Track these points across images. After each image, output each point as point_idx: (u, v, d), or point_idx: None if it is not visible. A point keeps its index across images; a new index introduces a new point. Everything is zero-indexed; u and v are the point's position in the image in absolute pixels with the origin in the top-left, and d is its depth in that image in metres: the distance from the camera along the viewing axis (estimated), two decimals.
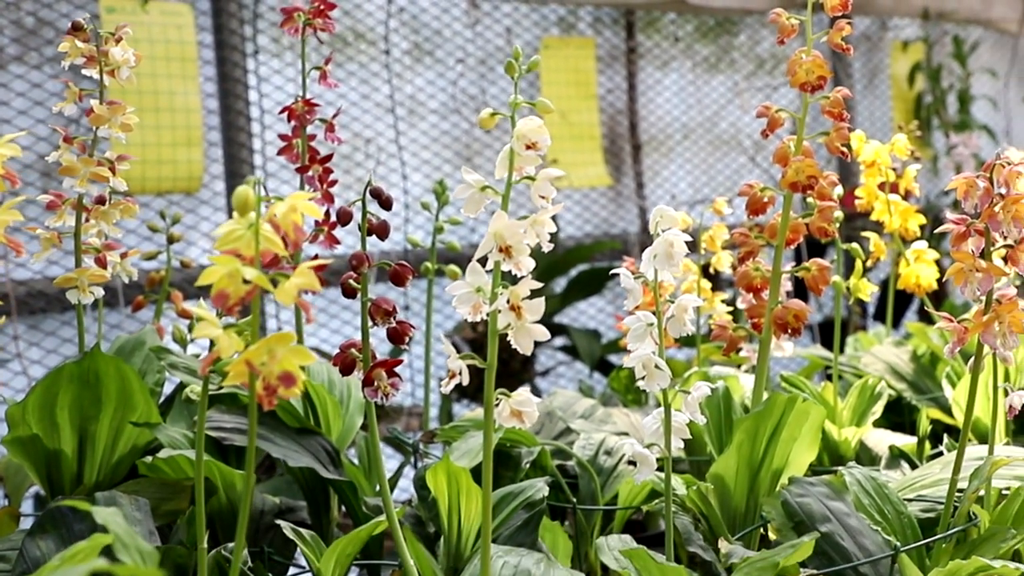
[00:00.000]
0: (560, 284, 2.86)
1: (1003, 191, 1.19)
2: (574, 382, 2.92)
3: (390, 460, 2.51)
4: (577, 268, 2.83)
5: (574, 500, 1.57)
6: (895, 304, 3.20)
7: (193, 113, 2.37)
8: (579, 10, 3.12)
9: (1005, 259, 1.22)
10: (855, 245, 1.82)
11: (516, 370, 2.72)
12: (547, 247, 1.04)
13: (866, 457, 1.82)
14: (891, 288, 2.13)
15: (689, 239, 1.20)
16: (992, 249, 1.20)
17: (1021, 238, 1.20)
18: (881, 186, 1.94)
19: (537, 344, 2.99)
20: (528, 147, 1.03)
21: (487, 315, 1.04)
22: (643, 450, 1.19)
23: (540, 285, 1.02)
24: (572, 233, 3.07)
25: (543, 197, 1.04)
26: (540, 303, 1.03)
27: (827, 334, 3.25)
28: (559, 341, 2.88)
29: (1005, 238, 1.19)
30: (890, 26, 3.82)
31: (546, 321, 2.86)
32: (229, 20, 2.45)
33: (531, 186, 1.04)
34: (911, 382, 2.06)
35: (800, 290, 2.75)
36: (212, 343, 0.90)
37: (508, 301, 1.02)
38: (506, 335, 2.33)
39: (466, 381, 1.05)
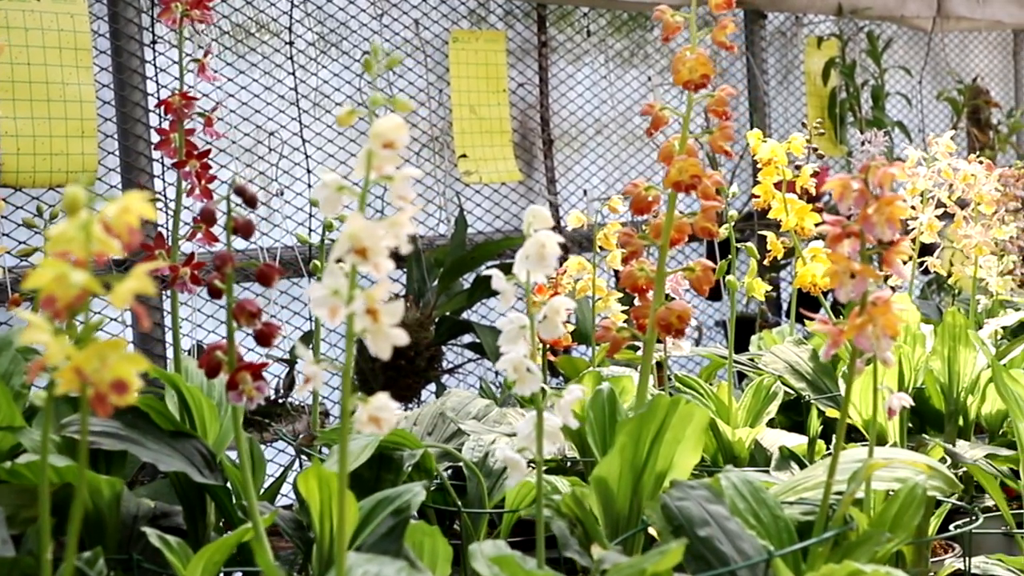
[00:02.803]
0: (469, 280, 2.84)
1: (878, 192, 1.18)
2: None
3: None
4: (486, 264, 2.80)
5: (459, 503, 1.55)
6: (809, 302, 3.21)
7: (87, 104, 2.31)
8: (490, 3, 3.09)
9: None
10: (750, 244, 1.81)
11: (422, 368, 2.68)
12: (406, 249, 1.01)
13: (761, 457, 1.82)
14: (794, 286, 2.13)
15: (561, 240, 1.17)
16: (867, 251, 1.19)
17: (895, 240, 1.19)
18: (778, 185, 1.93)
19: (444, 341, 2.95)
20: (386, 146, 1.00)
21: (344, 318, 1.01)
22: (513, 454, 1.17)
23: (400, 289, 0.99)
24: (481, 229, 3.05)
25: (402, 198, 1.00)
26: (398, 306, 1.00)
27: (739, 332, 3.25)
28: (467, 338, 2.85)
29: (878, 239, 1.18)
30: (805, 22, 3.83)
31: (453, 318, 2.84)
32: (125, 9, 2.39)
33: (390, 187, 1.01)
34: (811, 381, 2.06)
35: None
36: None
37: (364, 304, 0.99)
38: (414, 338, 2.28)
39: (320, 386, 1.02)
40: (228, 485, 1.47)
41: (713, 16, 1.47)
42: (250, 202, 1.19)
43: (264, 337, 1.20)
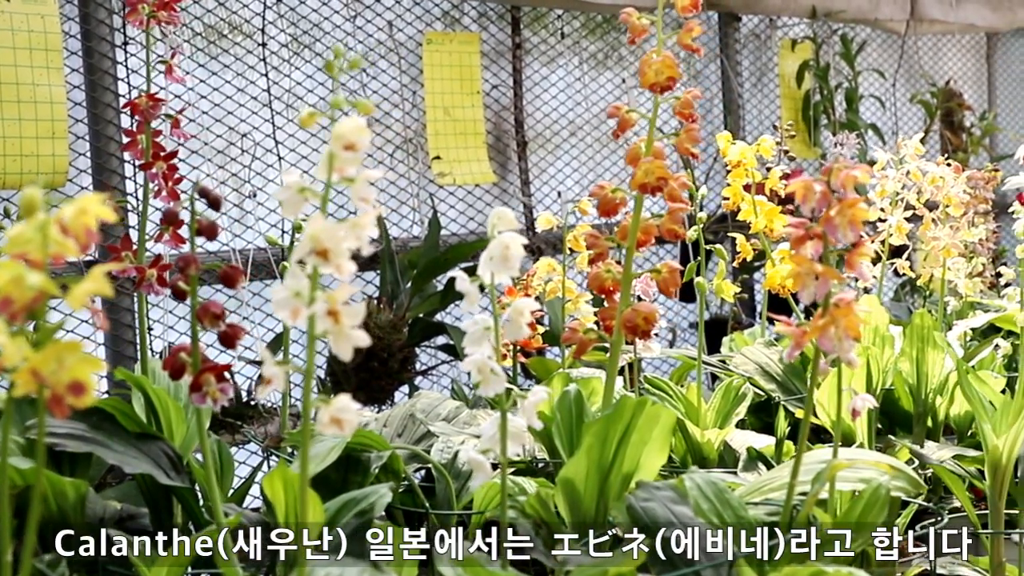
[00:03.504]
0: (442, 282, 2.84)
1: (840, 195, 1.19)
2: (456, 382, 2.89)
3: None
4: (459, 266, 2.80)
5: (427, 505, 1.55)
6: (782, 303, 3.23)
7: (57, 105, 2.30)
8: (464, 4, 3.09)
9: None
10: (719, 246, 1.82)
11: (395, 369, 2.68)
12: (367, 251, 1.01)
13: (730, 458, 1.82)
14: (764, 288, 2.14)
15: (525, 242, 1.18)
16: (829, 253, 1.20)
17: (857, 242, 1.19)
18: (748, 187, 1.94)
19: (417, 343, 2.94)
20: (347, 148, 1.00)
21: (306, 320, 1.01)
22: (477, 455, 1.17)
23: (357, 291, 0.99)
24: (455, 230, 3.05)
25: (363, 200, 1.01)
26: (359, 308, 1.00)
27: (712, 333, 3.27)
28: (440, 340, 2.86)
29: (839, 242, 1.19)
30: (779, 25, 3.84)
31: (427, 320, 2.84)
32: (96, 10, 2.39)
33: (351, 189, 1.01)
34: (781, 382, 2.07)
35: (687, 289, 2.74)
36: None
37: (326, 306, 0.99)
38: (380, 337, 2.27)
39: (282, 387, 1.02)
40: (196, 487, 1.47)
41: (686, 18, 1.47)
42: (214, 204, 1.19)
43: (228, 339, 1.20)
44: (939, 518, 1.57)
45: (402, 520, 1.60)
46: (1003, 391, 1.87)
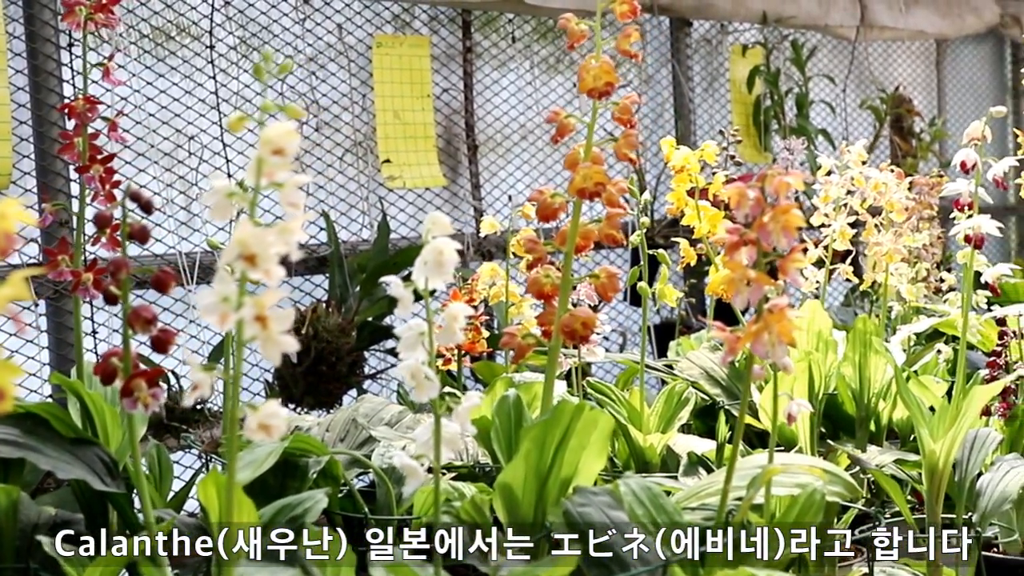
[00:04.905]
0: None
1: (773, 201, 1.19)
2: None
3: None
4: (408, 269, 2.79)
5: (367, 510, 1.55)
6: (729, 308, 3.23)
7: (1, 107, 2.28)
8: (414, 8, 3.09)
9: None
10: (661, 251, 1.83)
11: (344, 373, 2.67)
12: (296, 256, 1.00)
13: (673, 462, 1.83)
14: (707, 293, 2.14)
15: (458, 247, 1.18)
16: (763, 259, 1.20)
17: (791, 248, 1.20)
18: (691, 192, 1.94)
19: (366, 347, 2.93)
20: (275, 152, 1.00)
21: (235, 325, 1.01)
22: (409, 460, 1.17)
23: (286, 295, 0.99)
24: (405, 234, 3.04)
25: (292, 205, 1.00)
26: (288, 314, 0.99)
27: (664, 337, 3.27)
28: (389, 344, 2.85)
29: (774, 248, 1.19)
30: (730, 30, 3.86)
31: (375, 323, 2.83)
32: (41, 11, 2.37)
33: (280, 193, 1.01)
34: (725, 387, 2.08)
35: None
36: None
37: (253, 311, 0.98)
38: (328, 340, 2.26)
39: (208, 393, 1.01)
40: (133, 493, 1.46)
41: (625, 24, 1.47)
42: (145, 207, 1.18)
43: (160, 343, 1.19)
44: (878, 522, 1.58)
45: (342, 525, 1.60)
46: (945, 395, 1.88)
